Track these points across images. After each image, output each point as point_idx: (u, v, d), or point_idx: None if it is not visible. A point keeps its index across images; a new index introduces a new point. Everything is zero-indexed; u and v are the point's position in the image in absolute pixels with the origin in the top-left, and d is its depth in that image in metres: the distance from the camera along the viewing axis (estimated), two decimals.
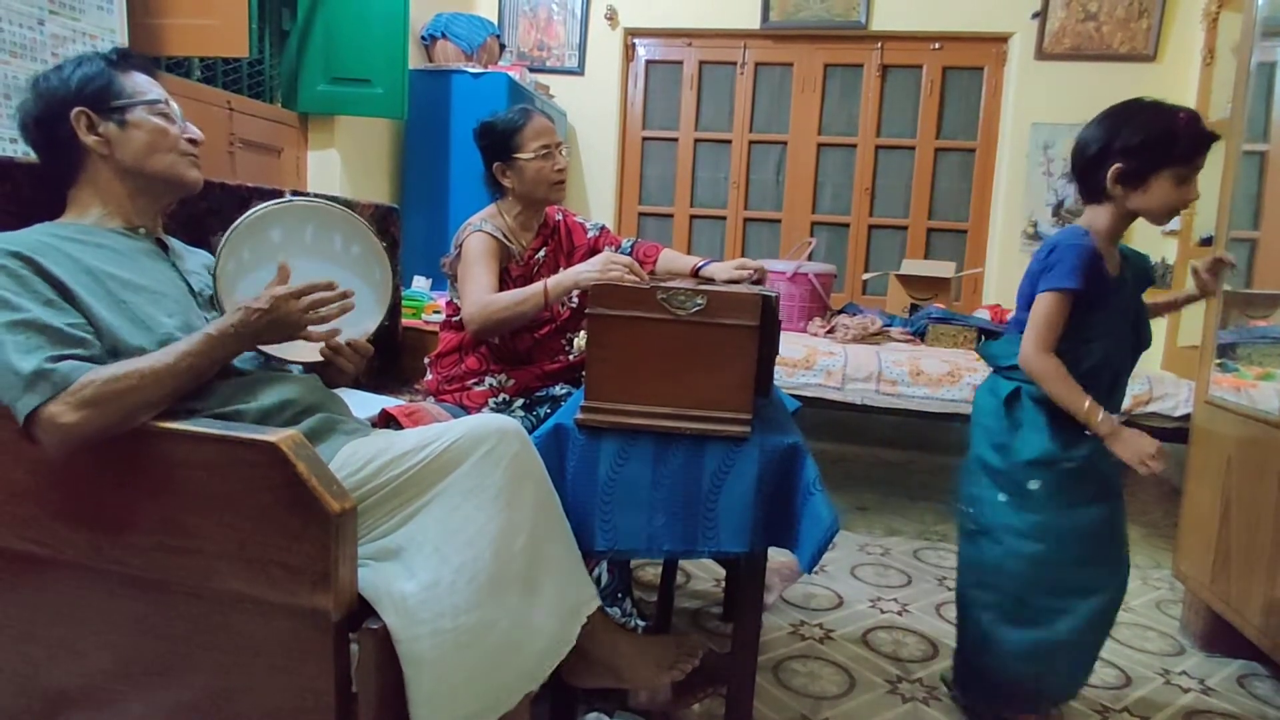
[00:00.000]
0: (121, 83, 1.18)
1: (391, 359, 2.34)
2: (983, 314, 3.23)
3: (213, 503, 0.98)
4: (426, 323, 2.61)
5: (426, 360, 1.96)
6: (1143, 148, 1.33)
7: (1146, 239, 3.55)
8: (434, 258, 2.06)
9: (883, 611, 2.07)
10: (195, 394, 1.08)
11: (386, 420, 1.43)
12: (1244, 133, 1.95)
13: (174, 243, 1.31)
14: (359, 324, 1.30)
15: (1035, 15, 3.52)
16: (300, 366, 1.33)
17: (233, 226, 1.21)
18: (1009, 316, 1.46)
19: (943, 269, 3.32)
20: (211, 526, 0.98)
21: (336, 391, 1.32)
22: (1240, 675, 1.84)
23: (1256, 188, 1.97)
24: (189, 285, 1.24)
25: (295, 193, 1.68)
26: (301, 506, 0.94)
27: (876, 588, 2.22)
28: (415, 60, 3.39)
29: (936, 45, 3.75)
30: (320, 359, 1.27)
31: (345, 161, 3.08)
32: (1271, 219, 1.94)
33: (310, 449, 0.98)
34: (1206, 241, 2.94)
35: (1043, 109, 3.56)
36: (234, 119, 2.63)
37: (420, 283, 2.96)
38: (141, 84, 1.21)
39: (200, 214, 1.58)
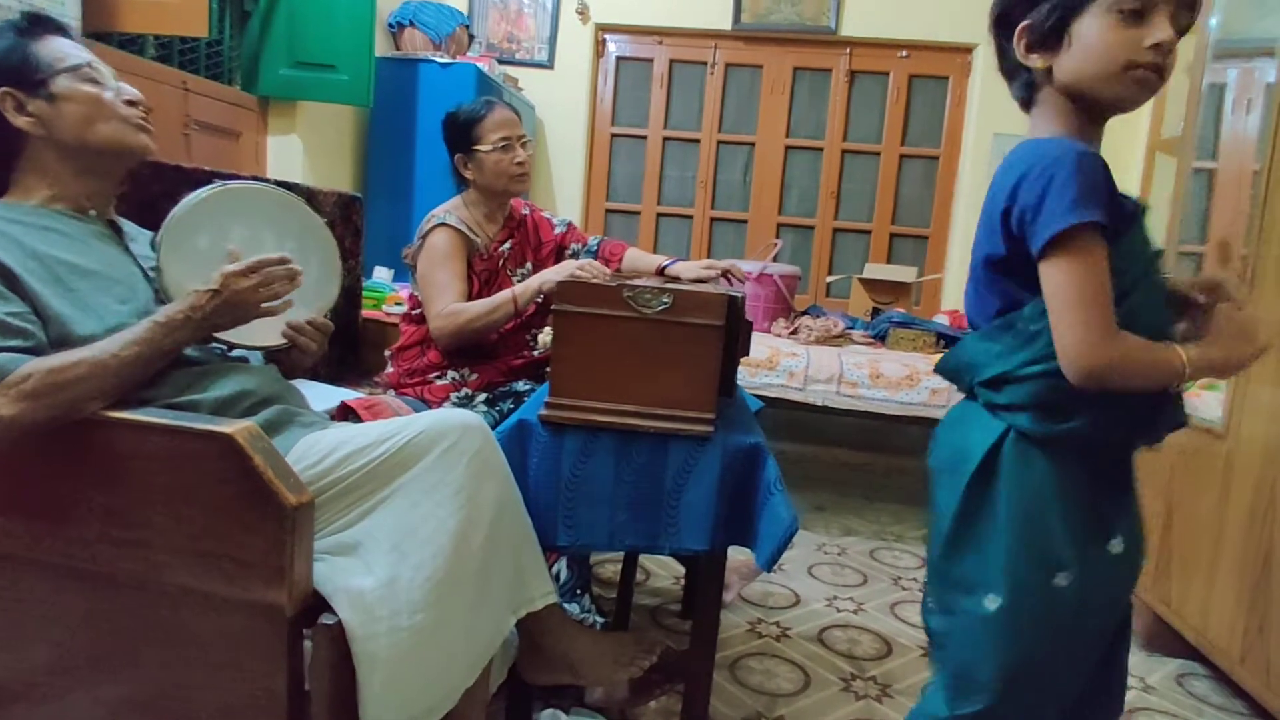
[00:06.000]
0: (38, 53, 1.10)
1: (351, 351, 2.31)
2: (942, 319, 3.29)
3: (163, 495, 0.96)
4: (388, 314, 2.57)
5: (387, 353, 1.93)
6: None
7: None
8: (397, 249, 2.03)
9: (838, 610, 2.10)
10: (148, 383, 1.05)
11: (345, 413, 1.41)
12: (1194, 151, 2.02)
13: (127, 225, 1.26)
14: (316, 300, 1.28)
15: None
16: (260, 356, 1.30)
17: (165, 224, 1.16)
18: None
19: (904, 274, 3.37)
20: (161, 519, 0.96)
21: (294, 384, 1.30)
22: (1179, 674, 1.90)
23: (1205, 204, 2.04)
24: (143, 270, 1.20)
25: (232, 177, 1.63)
26: (257, 500, 0.92)
27: (833, 587, 2.25)
28: (381, 47, 3.34)
29: (904, 53, 3.81)
30: (282, 342, 1.24)
31: (307, 148, 3.02)
32: (1219, 233, 2.01)
33: (267, 441, 0.96)
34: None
35: (1005, 120, 3.63)
36: (190, 100, 2.56)
37: (382, 273, 2.92)
38: (59, 49, 1.13)
39: (154, 197, 1.53)
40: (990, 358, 0.91)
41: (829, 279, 3.92)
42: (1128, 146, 3.53)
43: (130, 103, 1.17)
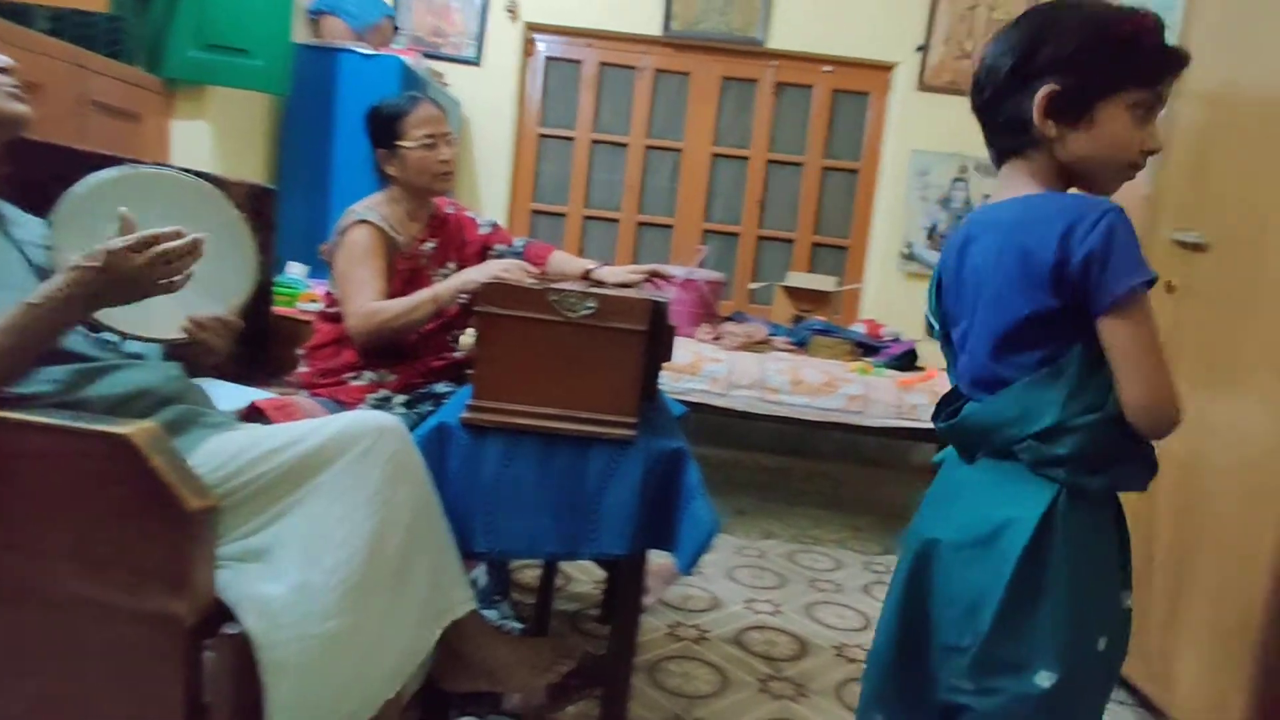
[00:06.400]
0: None
1: (261, 349, 2.21)
2: (859, 328, 3.40)
3: (49, 499, 0.89)
4: (302, 311, 2.48)
5: (300, 351, 1.86)
6: (1087, 56, 0.86)
7: None
8: (313, 244, 1.96)
9: (756, 612, 2.13)
10: (30, 379, 0.98)
11: (254, 414, 1.35)
12: None
13: (8, 209, 1.17)
14: (227, 296, 1.22)
15: (919, 49, 3.74)
16: (160, 349, 1.23)
17: (62, 200, 1.09)
18: (976, 343, 0.93)
19: (826, 283, 3.46)
20: (47, 525, 0.90)
21: (199, 383, 1.23)
22: None
23: None
24: (26, 257, 1.12)
25: (134, 162, 1.53)
26: (155, 505, 0.87)
27: (751, 589, 2.29)
28: (300, 34, 3.22)
29: (828, 68, 3.92)
30: (180, 336, 1.17)
31: (217, 135, 2.87)
32: None
33: (168, 443, 0.91)
34: None
35: (922, 137, 3.78)
36: (84, 78, 2.40)
37: (296, 269, 2.82)
38: None
39: (42, 180, 1.43)
40: (1044, 405, 0.86)
41: (752, 286, 3.99)
42: None
43: (2, 70, 1.08)
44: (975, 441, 0.94)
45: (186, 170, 1.35)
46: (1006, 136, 0.94)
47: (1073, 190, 0.92)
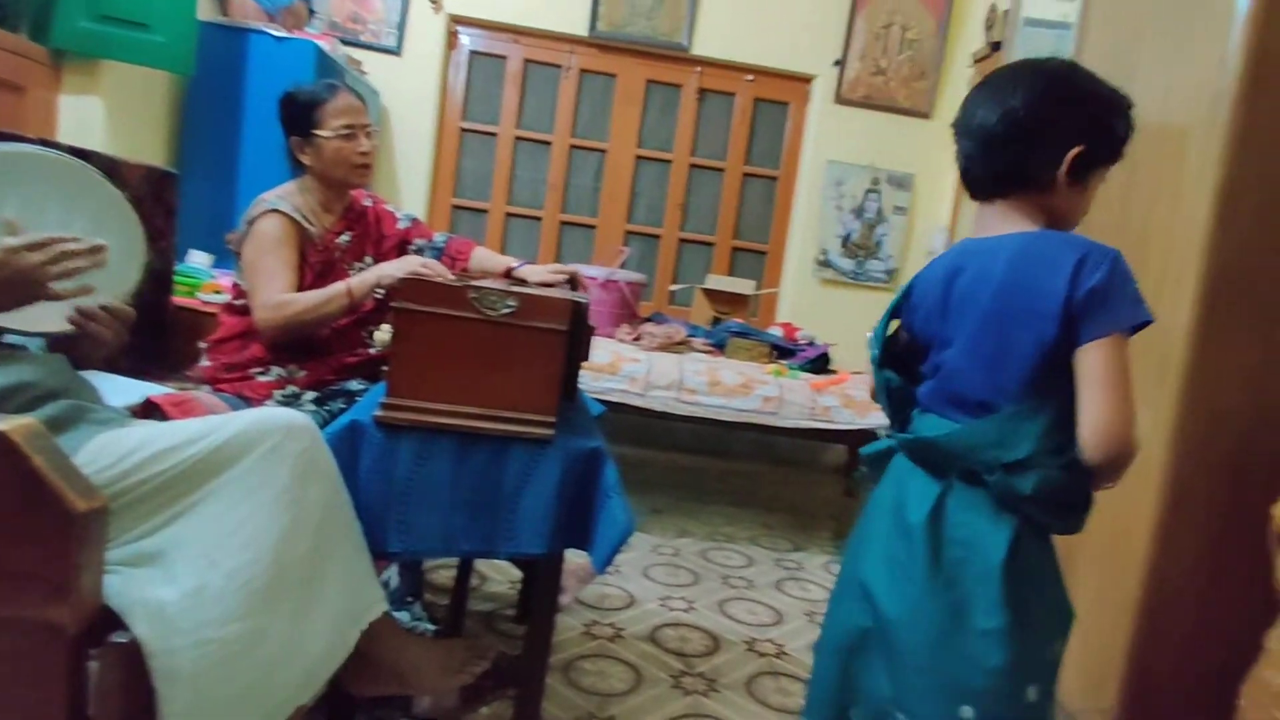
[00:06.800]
0: None
1: (158, 341, 2.10)
2: (776, 331, 3.48)
3: None
4: (204, 302, 2.37)
5: (203, 345, 1.77)
6: (1109, 131, 0.98)
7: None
8: (217, 232, 1.88)
9: (670, 609, 2.16)
10: None
11: (150, 410, 1.28)
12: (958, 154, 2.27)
13: None
14: (113, 284, 1.15)
15: (836, 63, 3.86)
16: (42, 342, 1.15)
17: None
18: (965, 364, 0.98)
19: (744, 286, 3.54)
20: None
21: (88, 376, 1.16)
22: None
23: None
24: None
25: (14, 138, 1.44)
26: (36, 506, 0.82)
27: (666, 586, 2.31)
28: (206, 11, 3.06)
29: (750, 77, 4.00)
30: (67, 328, 1.10)
31: (111, 113, 2.70)
32: None
33: (50, 440, 0.85)
34: None
35: (838, 148, 3.90)
36: None
37: (199, 258, 2.68)
38: None
39: None
40: (1021, 437, 0.92)
41: (673, 288, 4.03)
42: (942, 184, 3.91)
43: None
44: (947, 462, 0.98)
45: (68, 148, 1.27)
46: (1004, 180, 0.99)
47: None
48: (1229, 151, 1.38)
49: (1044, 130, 0.96)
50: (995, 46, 3.36)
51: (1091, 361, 0.89)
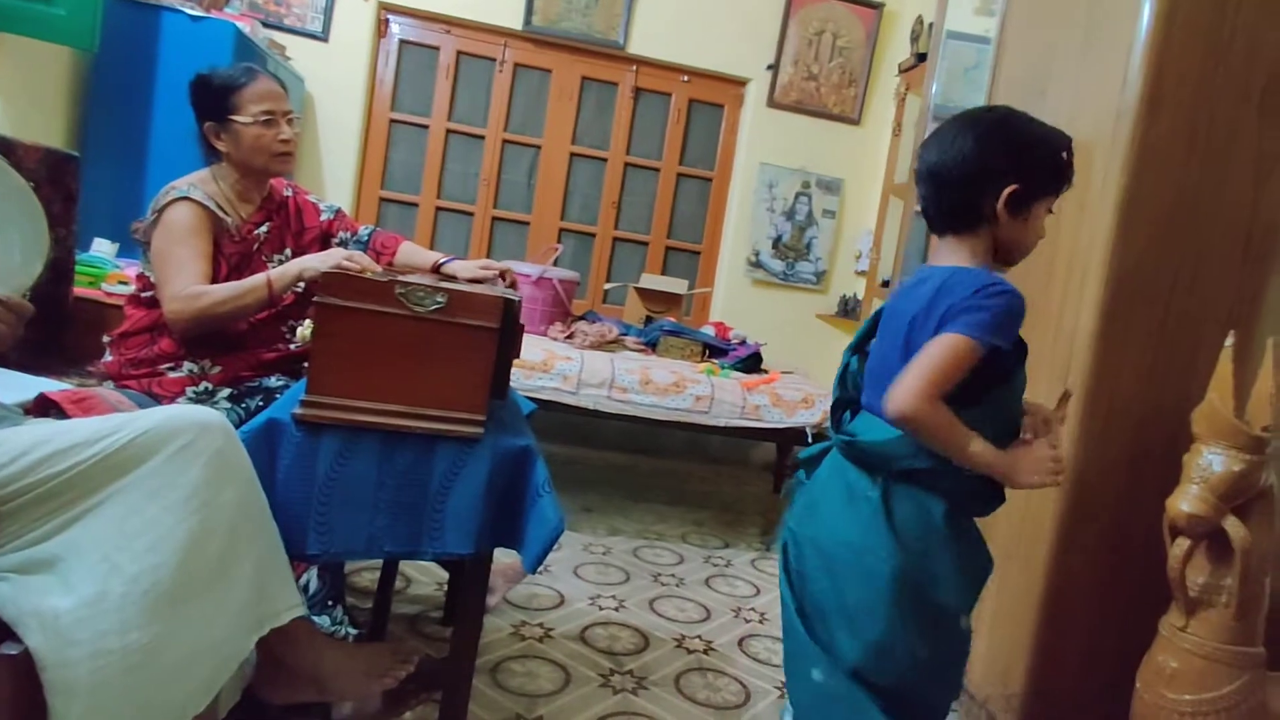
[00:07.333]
0: None
1: (56, 334, 1.98)
2: (709, 329, 3.52)
3: None
4: (108, 294, 2.24)
5: (106, 339, 1.68)
6: (1041, 168, 1.11)
7: (841, 278, 4.12)
8: (123, 220, 1.78)
9: (601, 609, 2.16)
10: None
11: (46, 407, 1.21)
12: (917, 196, 2.35)
13: None
14: (11, 277, 1.08)
15: (769, 67, 3.92)
16: None
17: None
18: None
19: (677, 285, 3.56)
20: None
21: None
22: None
23: (925, 239, 2.39)
24: None
25: None
26: None
27: (597, 585, 2.31)
28: None
29: (685, 78, 4.02)
30: None
31: (6, 91, 2.53)
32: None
33: None
34: (885, 284, 3.47)
35: (770, 151, 3.97)
36: None
37: (103, 247, 2.53)
38: None
39: None
40: (924, 450, 1.06)
41: (606, 286, 4.03)
42: (870, 189, 4.02)
43: None
44: (879, 464, 1.12)
45: None
46: (953, 217, 1.14)
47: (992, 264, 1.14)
48: (1129, 166, 1.46)
49: (981, 172, 1.10)
50: (921, 58, 3.47)
51: (927, 346, 1.05)
